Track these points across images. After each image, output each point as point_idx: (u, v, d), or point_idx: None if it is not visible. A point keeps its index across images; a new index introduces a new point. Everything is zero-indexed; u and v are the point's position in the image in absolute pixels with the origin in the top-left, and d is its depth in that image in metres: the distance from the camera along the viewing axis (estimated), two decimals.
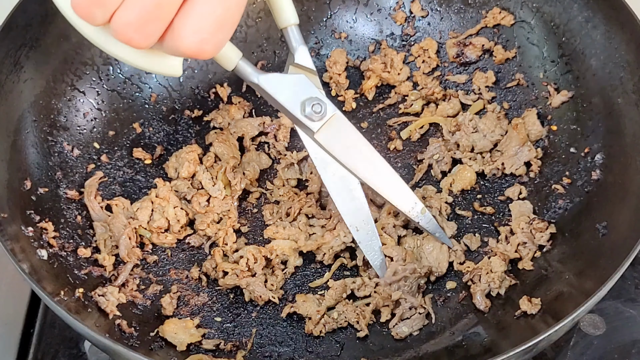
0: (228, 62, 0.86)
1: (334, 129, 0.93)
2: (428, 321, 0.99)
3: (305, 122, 0.91)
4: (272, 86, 0.89)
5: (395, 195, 0.99)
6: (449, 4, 1.24)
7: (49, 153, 1.07)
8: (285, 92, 0.90)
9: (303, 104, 0.91)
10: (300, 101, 0.91)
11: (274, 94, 0.89)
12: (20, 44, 1.03)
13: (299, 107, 0.91)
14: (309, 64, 0.95)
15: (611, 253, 0.90)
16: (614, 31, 1.05)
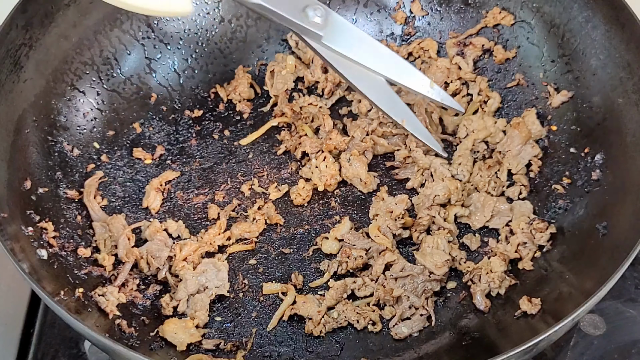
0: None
1: (337, 30, 0.95)
2: (428, 324, 0.98)
3: (312, 28, 0.93)
4: (272, 1, 0.90)
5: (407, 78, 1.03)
6: (449, 4, 1.24)
7: (49, 153, 1.07)
8: (285, 4, 0.91)
9: (305, 12, 0.93)
10: (301, 9, 0.93)
11: (275, 8, 0.90)
12: (20, 44, 1.03)
13: (301, 14, 0.93)
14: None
15: (611, 253, 0.90)
16: (614, 31, 1.05)
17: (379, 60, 1.00)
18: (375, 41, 1.02)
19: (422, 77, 1.06)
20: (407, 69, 1.05)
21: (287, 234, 1.09)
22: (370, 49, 1.00)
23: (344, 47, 0.97)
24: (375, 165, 1.17)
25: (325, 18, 0.94)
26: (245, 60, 1.27)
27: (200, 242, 1.06)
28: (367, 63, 0.99)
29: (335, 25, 0.95)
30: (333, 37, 0.95)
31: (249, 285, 1.04)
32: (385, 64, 1.01)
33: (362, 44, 0.99)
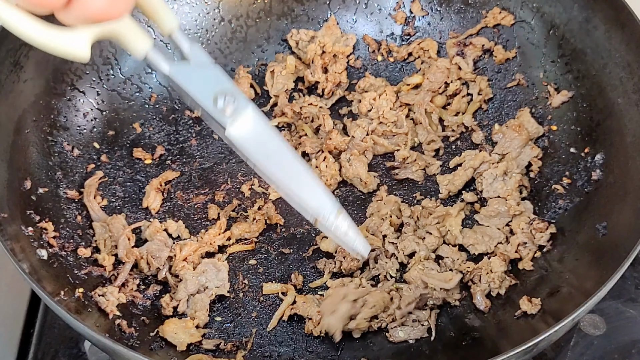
0: (138, 49, 0.81)
1: (246, 126, 0.85)
2: (427, 335, 0.98)
3: (217, 116, 0.84)
4: (184, 78, 0.83)
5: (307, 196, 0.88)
6: (449, 4, 1.24)
7: (49, 153, 1.07)
8: (197, 84, 0.84)
9: (215, 97, 0.84)
10: (212, 94, 0.84)
11: (185, 86, 0.83)
12: (20, 44, 1.03)
13: (211, 100, 0.84)
14: (209, 60, 0.86)
15: (611, 253, 0.90)
16: (614, 31, 1.05)
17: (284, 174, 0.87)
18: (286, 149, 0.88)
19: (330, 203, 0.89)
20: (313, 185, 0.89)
21: (287, 234, 1.09)
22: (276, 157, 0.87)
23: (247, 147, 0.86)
24: (375, 165, 1.17)
25: (236, 109, 0.84)
26: (245, 60, 1.27)
27: (200, 242, 1.06)
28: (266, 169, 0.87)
29: (245, 120, 0.85)
30: (238, 132, 0.85)
31: (249, 285, 1.04)
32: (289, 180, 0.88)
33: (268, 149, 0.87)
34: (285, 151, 0.88)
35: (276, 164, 0.87)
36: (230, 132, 0.84)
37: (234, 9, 1.25)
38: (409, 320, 0.98)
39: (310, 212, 0.88)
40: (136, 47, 0.80)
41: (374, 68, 1.27)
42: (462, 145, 1.18)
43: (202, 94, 0.84)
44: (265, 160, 0.87)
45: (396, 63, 1.27)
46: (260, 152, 0.86)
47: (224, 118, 0.84)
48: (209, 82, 0.84)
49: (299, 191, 0.88)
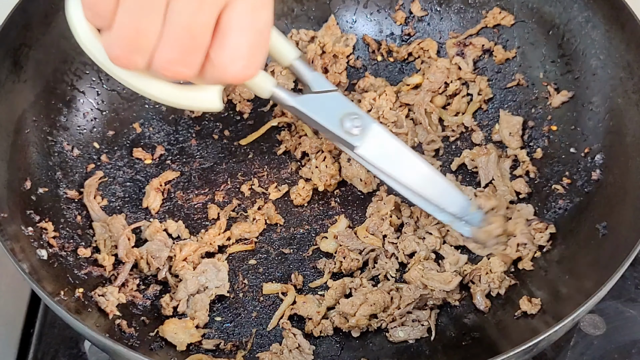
0: (264, 89, 0.86)
1: (374, 142, 0.92)
2: (427, 335, 0.98)
3: (346, 138, 0.91)
4: (309, 107, 0.90)
5: (448, 202, 0.97)
6: (449, 4, 1.24)
7: (48, 153, 1.07)
8: (323, 111, 0.90)
9: (341, 120, 0.91)
10: (338, 118, 0.91)
11: (311, 115, 0.90)
12: (20, 44, 1.03)
13: (338, 123, 0.91)
14: (330, 86, 0.93)
15: (611, 253, 0.90)
16: (614, 31, 1.05)
17: (416, 179, 0.95)
18: (414, 156, 0.96)
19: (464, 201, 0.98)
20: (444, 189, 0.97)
21: (287, 234, 1.09)
22: (407, 166, 0.95)
23: (377, 161, 0.93)
24: None
25: (363, 128, 0.91)
26: None
27: (200, 242, 1.06)
28: (401, 181, 0.95)
29: (373, 137, 0.92)
30: (368, 149, 0.92)
31: (249, 285, 1.04)
32: (421, 184, 0.95)
33: (398, 159, 0.95)
34: (415, 160, 0.95)
35: (408, 173, 0.95)
36: (361, 150, 0.92)
37: None
38: (408, 320, 0.98)
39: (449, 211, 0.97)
40: (263, 89, 0.86)
41: (374, 68, 1.27)
42: (462, 146, 1.18)
43: (329, 119, 0.90)
44: (398, 171, 0.94)
45: (396, 63, 1.27)
46: (392, 164, 0.94)
47: (353, 138, 0.91)
48: (333, 107, 0.91)
49: (438, 197, 0.96)
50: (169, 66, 0.70)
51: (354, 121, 0.91)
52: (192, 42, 0.69)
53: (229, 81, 0.73)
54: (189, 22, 0.67)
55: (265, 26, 0.72)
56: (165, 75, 0.72)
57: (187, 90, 0.78)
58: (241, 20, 0.69)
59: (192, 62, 0.70)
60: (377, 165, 0.93)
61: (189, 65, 0.70)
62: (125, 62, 0.71)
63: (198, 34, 0.68)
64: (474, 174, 1.13)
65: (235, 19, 0.69)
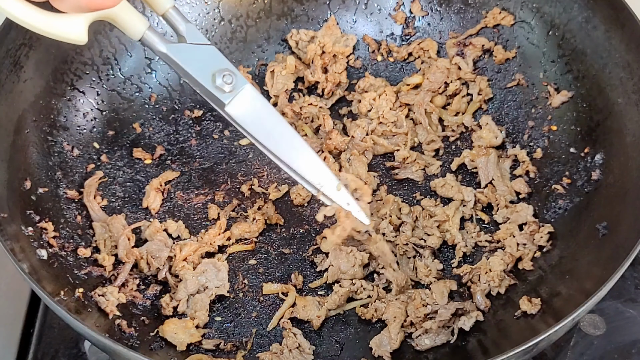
0: (134, 30, 0.84)
1: (245, 102, 0.90)
2: (452, 337, 0.97)
3: (216, 93, 0.88)
4: (182, 56, 0.87)
5: (309, 170, 0.94)
6: (449, 4, 1.24)
7: (48, 153, 1.07)
8: (195, 63, 0.88)
9: (214, 75, 0.88)
10: (210, 72, 0.88)
11: (183, 64, 0.87)
12: (20, 44, 1.03)
13: (209, 78, 0.88)
14: (205, 40, 0.91)
15: (611, 253, 0.90)
16: (614, 31, 1.05)
17: (282, 146, 0.92)
18: (283, 124, 0.93)
19: (329, 176, 0.95)
20: (313, 162, 0.94)
21: (287, 234, 1.09)
22: (275, 131, 0.92)
23: (246, 121, 0.90)
24: (375, 165, 1.17)
25: (235, 87, 0.89)
26: (245, 60, 1.27)
27: (200, 242, 1.06)
28: (267, 145, 0.92)
29: (243, 97, 0.90)
30: (237, 108, 0.89)
31: (249, 285, 1.04)
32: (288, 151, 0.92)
33: (267, 123, 0.92)
34: (284, 127, 0.92)
35: (277, 139, 0.91)
36: (230, 108, 0.88)
37: (234, 9, 1.25)
38: (433, 327, 0.97)
39: (313, 183, 0.93)
40: (133, 28, 0.83)
41: (374, 68, 1.27)
42: (462, 145, 1.18)
43: (200, 72, 0.87)
44: (266, 136, 0.91)
45: (396, 63, 1.27)
46: (260, 127, 0.91)
47: (224, 95, 0.88)
48: (207, 60, 0.88)
49: (300, 165, 0.93)
50: None
51: (226, 78, 0.88)
52: None
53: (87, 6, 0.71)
54: None
55: None
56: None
57: (53, 16, 0.76)
58: None
59: None
60: (245, 126, 0.91)
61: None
62: None
63: None
64: (474, 174, 1.13)
65: None
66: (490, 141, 1.14)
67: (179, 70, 0.88)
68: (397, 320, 0.96)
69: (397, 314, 0.97)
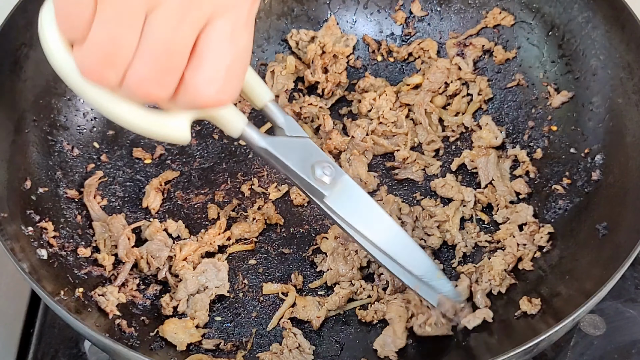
0: (234, 128, 0.83)
1: (344, 193, 0.89)
2: (452, 333, 0.97)
3: (317, 185, 0.88)
4: (280, 150, 0.86)
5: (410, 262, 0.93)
6: (449, 4, 1.24)
7: (48, 153, 1.07)
8: (294, 156, 0.87)
9: (313, 167, 0.88)
10: (309, 164, 0.88)
11: (283, 158, 0.86)
12: (20, 44, 1.03)
13: (309, 170, 0.88)
14: (302, 133, 0.90)
15: (611, 253, 0.90)
16: (614, 31, 1.05)
17: (382, 235, 0.91)
18: (382, 213, 0.92)
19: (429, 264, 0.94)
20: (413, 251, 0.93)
21: (287, 234, 1.09)
22: (374, 220, 0.91)
23: (345, 213, 0.89)
24: (375, 165, 1.17)
25: (334, 178, 0.88)
26: None
27: (200, 242, 1.06)
28: (367, 234, 0.90)
29: (342, 188, 0.89)
30: (337, 200, 0.89)
31: (249, 285, 1.04)
32: (386, 240, 0.91)
33: (365, 213, 0.91)
34: (383, 216, 0.92)
35: (376, 229, 0.91)
36: (330, 200, 0.89)
37: None
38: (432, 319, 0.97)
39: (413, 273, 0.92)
40: (233, 126, 0.83)
41: (374, 68, 1.27)
42: (462, 146, 1.18)
43: (300, 164, 0.87)
44: (366, 226, 0.90)
45: (396, 63, 1.27)
46: (360, 218, 0.90)
47: (324, 187, 0.88)
48: (305, 152, 0.88)
49: (401, 255, 0.92)
50: (142, 84, 0.66)
51: (325, 169, 0.88)
52: (169, 60, 0.65)
53: (201, 105, 0.70)
54: (167, 38, 0.64)
55: (245, 51, 0.70)
56: (137, 94, 0.68)
57: (157, 115, 0.74)
58: (220, 43, 0.66)
59: (167, 82, 0.67)
60: (345, 218, 0.90)
61: (163, 85, 0.67)
62: (97, 77, 0.66)
63: (176, 52, 0.65)
64: (474, 174, 1.13)
65: (215, 40, 0.66)
66: (490, 141, 1.14)
67: (278, 163, 0.87)
68: (402, 318, 0.96)
69: (400, 312, 0.97)
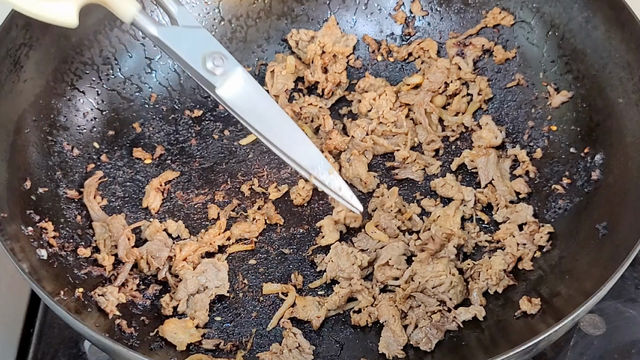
0: (126, 13, 0.83)
1: (236, 85, 0.88)
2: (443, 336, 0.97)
3: (207, 76, 0.87)
4: (172, 39, 0.86)
5: (300, 154, 0.91)
6: (449, 4, 1.24)
7: (48, 153, 1.07)
8: (186, 45, 0.86)
9: (204, 58, 0.86)
10: (201, 55, 0.87)
11: (174, 47, 0.86)
12: (20, 44, 1.03)
13: (200, 60, 0.86)
14: (196, 23, 0.89)
15: (611, 253, 0.90)
16: (614, 31, 1.05)
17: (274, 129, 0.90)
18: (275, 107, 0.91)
19: (321, 159, 0.91)
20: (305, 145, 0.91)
21: (287, 234, 1.09)
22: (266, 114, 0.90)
23: (237, 104, 0.88)
24: (375, 165, 1.17)
25: (226, 70, 0.87)
26: (245, 60, 1.27)
27: (200, 242, 1.06)
28: (259, 129, 0.89)
29: (235, 80, 0.88)
30: (228, 91, 0.87)
31: (249, 285, 1.04)
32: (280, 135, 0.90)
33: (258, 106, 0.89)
34: (276, 110, 0.91)
35: (268, 122, 0.89)
36: (221, 91, 0.87)
37: (234, 9, 1.25)
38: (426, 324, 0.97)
39: (304, 167, 0.91)
40: (124, 11, 0.83)
41: (374, 68, 1.27)
42: (462, 145, 1.18)
43: (191, 55, 0.86)
44: (257, 119, 0.89)
45: (396, 63, 1.27)
46: (251, 111, 0.89)
47: (214, 78, 0.86)
48: (198, 43, 0.87)
49: (292, 148, 0.90)
50: None
51: (217, 61, 0.87)
52: None
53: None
54: None
55: None
56: None
57: None
58: None
59: None
60: (236, 109, 0.89)
61: None
62: None
63: None
64: (474, 174, 1.13)
65: None
66: (490, 141, 1.14)
67: (169, 53, 0.87)
68: (396, 317, 0.96)
69: (393, 312, 0.97)
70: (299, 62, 1.25)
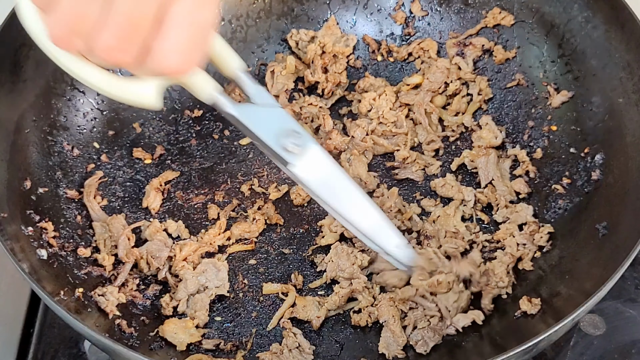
0: (206, 95, 0.85)
1: (312, 163, 0.90)
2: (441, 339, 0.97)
3: (281, 153, 0.88)
4: (249, 118, 0.87)
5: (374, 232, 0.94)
6: (449, 4, 1.24)
7: (48, 153, 1.07)
8: (262, 124, 0.88)
9: (280, 136, 0.88)
10: (277, 133, 0.88)
11: (250, 126, 0.87)
12: (20, 44, 1.03)
13: (275, 138, 0.88)
14: (274, 102, 0.91)
15: (611, 253, 0.90)
16: (614, 31, 1.05)
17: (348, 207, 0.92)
18: (350, 185, 0.93)
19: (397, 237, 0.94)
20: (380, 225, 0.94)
21: (287, 234, 1.09)
22: (341, 192, 0.92)
23: (311, 183, 0.90)
24: (375, 165, 1.17)
25: (302, 148, 0.88)
26: (245, 60, 1.25)
27: (200, 242, 1.06)
28: (333, 206, 0.91)
29: (311, 158, 0.89)
30: (303, 169, 0.89)
31: (249, 285, 1.04)
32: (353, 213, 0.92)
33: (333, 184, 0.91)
34: (351, 188, 0.93)
35: (343, 201, 0.92)
36: (296, 169, 0.89)
37: (234, 9, 1.25)
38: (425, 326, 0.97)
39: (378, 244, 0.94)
40: (205, 92, 0.84)
41: (374, 68, 1.27)
42: (462, 146, 1.18)
43: (267, 132, 0.88)
44: (332, 197, 0.92)
45: (396, 63, 1.27)
46: (327, 189, 0.91)
47: (289, 155, 0.88)
48: (274, 121, 0.89)
49: (367, 228, 0.93)
50: (108, 52, 0.70)
51: (293, 138, 0.88)
52: (132, 30, 0.69)
53: (166, 71, 0.73)
54: (130, 10, 0.68)
55: (207, 24, 0.73)
56: (104, 60, 0.72)
57: (126, 81, 0.78)
58: (184, 15, 0.70)
59: (130, 50, 0.70)
60: (311, 188, 0.91)
61: (127, 52, 0.70)
62: (65, 44, 0.71)
63: (138, 23, 0.69)
64: (474, 174, 1.13)
65: (179, 13, 0.69)
66: (490, 141, 1.14)
67: (245, 131, 0.89)
68: (396, 317, 0.96)
69: (392, 312, 0.97)
70: (299, 62, 1.25)
